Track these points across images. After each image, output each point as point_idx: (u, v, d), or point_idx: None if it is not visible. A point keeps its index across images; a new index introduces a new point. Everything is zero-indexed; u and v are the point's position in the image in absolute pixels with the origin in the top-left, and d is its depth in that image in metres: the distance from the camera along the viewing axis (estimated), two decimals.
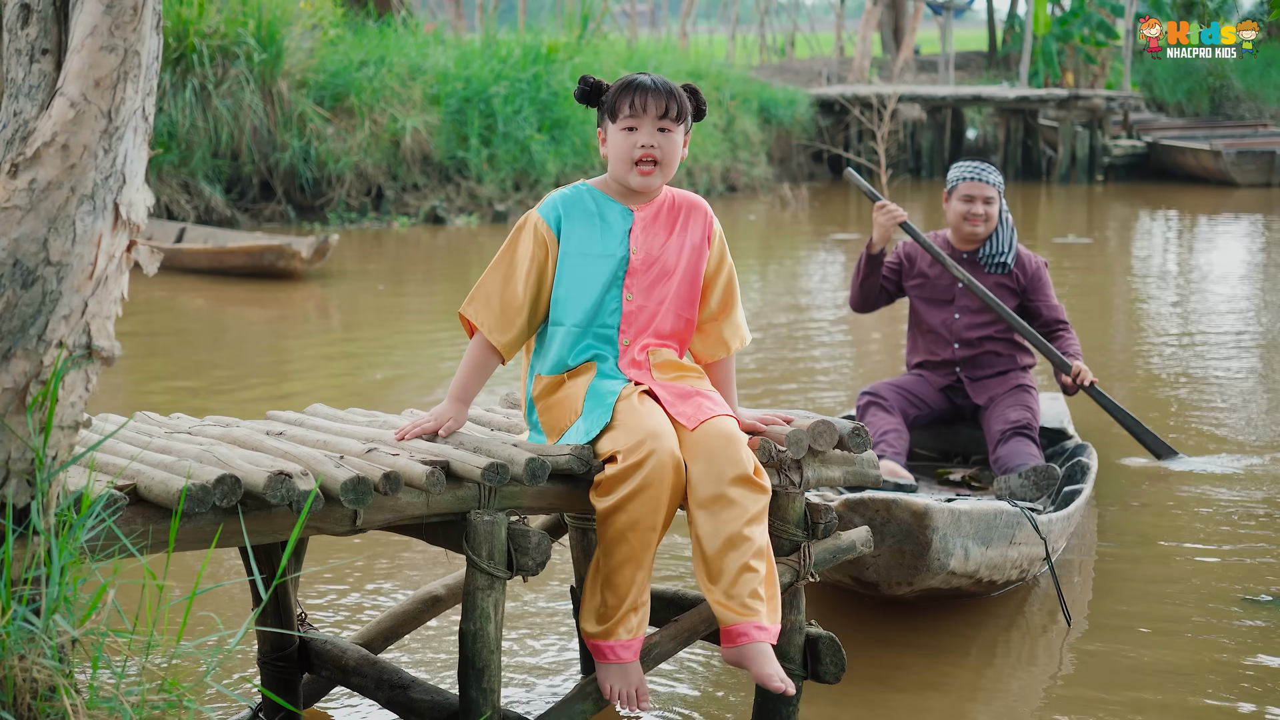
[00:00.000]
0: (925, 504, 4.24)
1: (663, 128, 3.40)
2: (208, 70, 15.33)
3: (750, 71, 25.58)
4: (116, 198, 2.64)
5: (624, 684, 3.26)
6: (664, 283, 3.45)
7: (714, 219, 3.56)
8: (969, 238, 5.73)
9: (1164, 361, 8.96)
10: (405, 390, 8.20)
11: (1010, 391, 5.66)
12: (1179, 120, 26.36)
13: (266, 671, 3.79)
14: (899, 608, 4.66)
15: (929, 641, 4.48)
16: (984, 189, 5.68)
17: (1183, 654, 4.37)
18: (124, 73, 2.63)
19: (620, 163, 3.42)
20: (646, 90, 3.39)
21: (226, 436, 3.40)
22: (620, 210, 3.47)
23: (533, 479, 3.15)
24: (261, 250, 12.08)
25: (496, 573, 3.13)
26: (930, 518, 4.25)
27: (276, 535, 3.00)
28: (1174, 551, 5.35)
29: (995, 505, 4.52)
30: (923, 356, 5.82)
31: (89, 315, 2.63)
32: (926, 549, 4.29)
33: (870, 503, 4.25)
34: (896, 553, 4.32)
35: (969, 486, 5.56)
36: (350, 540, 5.37)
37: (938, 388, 5.75)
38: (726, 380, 3.58)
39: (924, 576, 4.38)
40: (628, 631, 3.26)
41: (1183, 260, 14.48)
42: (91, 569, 2.64)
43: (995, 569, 4.59)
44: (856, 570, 4.42)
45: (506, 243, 3.46)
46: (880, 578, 4.41)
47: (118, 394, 7.88)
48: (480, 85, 17.14)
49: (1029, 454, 5.41)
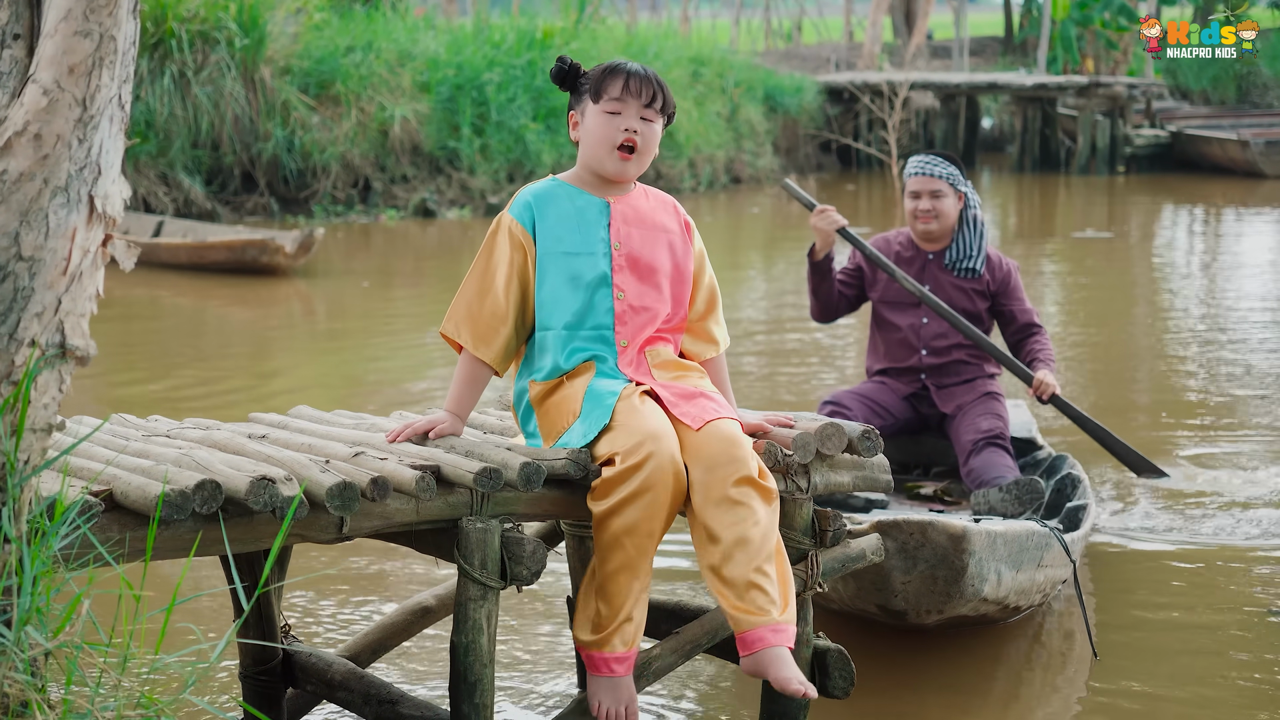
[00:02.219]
0: (963, 526, 4.13)
1: (646, 116, 3.43)
2: (187, 56, 15.33)
3: (755, 58, 25.58)
4: (91, 190, 2.64)
5: (614, 701, 3.25)
6: (654, 278, 3.47)
7: (690, 219, 3.60)
8: (924, 236, 5.62)
9: (1189, 364, 8.95)
10: (394, 391, 8.21)
11: (979, 399, 5.54)
12: (1204, 108, 26.39)
13: (248, 686, 3.79)
14: (913, 635, 4.59)
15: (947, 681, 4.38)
16: (931, 183, 5.56)
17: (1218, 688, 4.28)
18: (99, 59, 2.63)
19: (599, 146, 3.43)
20: (637, 76, 3.43)
21: (206, 440, 3.40)
22: (597, 204, 3.47)
23: (527, 484, 3.15)
24: (243, 245, 12.08)
25: (489, 583, 3.13)
26: (968, 541, 4.13)
27: (259, 543, 3.00)
28: (1189, 572, 5.30)
29: (1026, 526, 4.42)
30: (886, 363, 5.68)
31: (63, 313, 2.63)
32: (961, 574, 4.18)
33: (905, 525, 4.13)
34: (928, 579, 4.19)
35: (942, 501, 5.46)
36: (337, 548, 5.37)
37: (902, 395, 5.62)
38: (722, 379, 3.60)
39: (955, 604, 4.27)
40: (623, 643, 3.25)
41: (1209, 256, 14.48)
42: (65, 578, 2.64)
43: (1023, 594, 4.51)
44: (883, 598, 4.29)
45: (481, 250, 3.46)
46: (909, 606, 4.28)
47: (93, 395, 7.88)
48: (472, 72, 17.14)
49: (1004, 465, 5.32)
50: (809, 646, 3.48)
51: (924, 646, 4.56)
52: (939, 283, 5.64)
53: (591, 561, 3.29)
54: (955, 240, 5.64)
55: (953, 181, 5.58)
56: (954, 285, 5.63)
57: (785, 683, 3.15)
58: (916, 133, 23.79)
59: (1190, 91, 28.21)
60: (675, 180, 18.91)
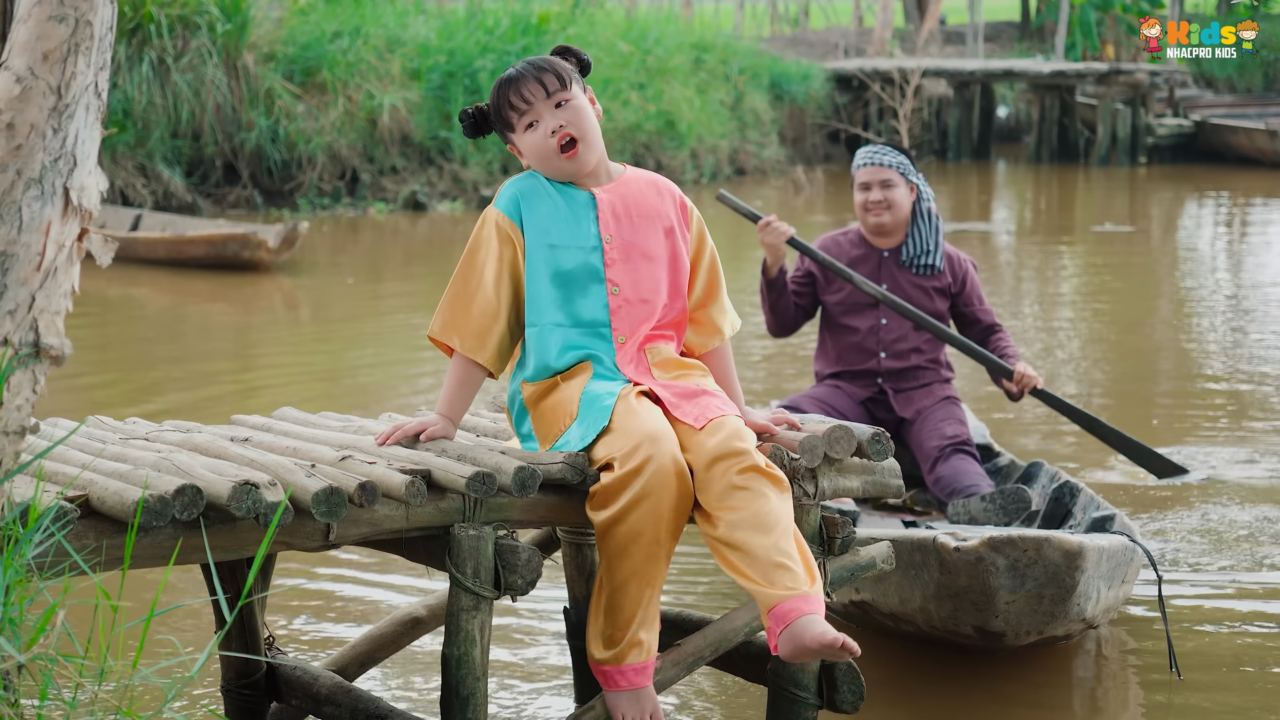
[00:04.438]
0: (1079, 542, 4.08)
1: (559, 102, 3.41)
2: (167, 42, 15.33)
3: (760, 44, 25.60)
4: (67, 182, 2.64)
5: (637, 711, 3.24)
6: (649, 270, 3.45)
7: (685, 198, 3.57)
8: (876, 229, 5.58)
9: (1215, 364, 8.96)
10: (382, 392, 8.21)
11: (939, 404, 5.51)
12: (1229, 97, 26.40)
13: (231, 700, 3.79)
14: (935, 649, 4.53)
15: (1033, 698, 4.33)
16: (881, 172, 5.52)
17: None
18: (75, 45, 2.63)
19: (546, 160, 3.43)
20: (520, 81, 3.40)
21: (187, 443, 3.40)
22: (582, 196, 3.46)
23: (522, 489, 3.15)
24: (224, 240, 12.08)
25: (483, 592, 3.13)
26: (1083, 558, 4.08)
27: (242, 551, 3.00)
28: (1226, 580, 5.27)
29: (1119, 540, 4.37)
30: (839, 367, 5.62)
31: (37, 310, 2.63)
32: (1070, 593, 4.12)
33: (1020, 542, 4.04)
34: (1034, 598, 4.12)
35: (911, 511, 5.43)
36: (323, 556, 5.37)
37: (858, 400, 5.56)
38: (727, 369, 3.57)
39: (1056, 624, 4.21)
40: (639, 655, 3.24)
41: (1235, 251, 14.48)
42: (39, 588, 2.64)
43: (1107, 612, 4.47)
44: (983, 619, 4.18)
45: (468, 248, 3.45)
46: (1008, 627, 4.18)
47: (68, 396, 7.88)
48: (465, 58, 17.15)
49: (974, 473, 5.29)
50: (816, 659, 3.48)
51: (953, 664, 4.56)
52: (897, 282, 5.59)
53: (599, 573, 3.27)
54: (910, 235, 5.60)
55: (904, 171, 5.54)
56: (913, 284, 5.59)
57: (827, 642, 3.04)
58: (929, 122, 23.81)
59: (1215, 79, 28.20)
60: (677, 171, 18.91)
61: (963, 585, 4.11)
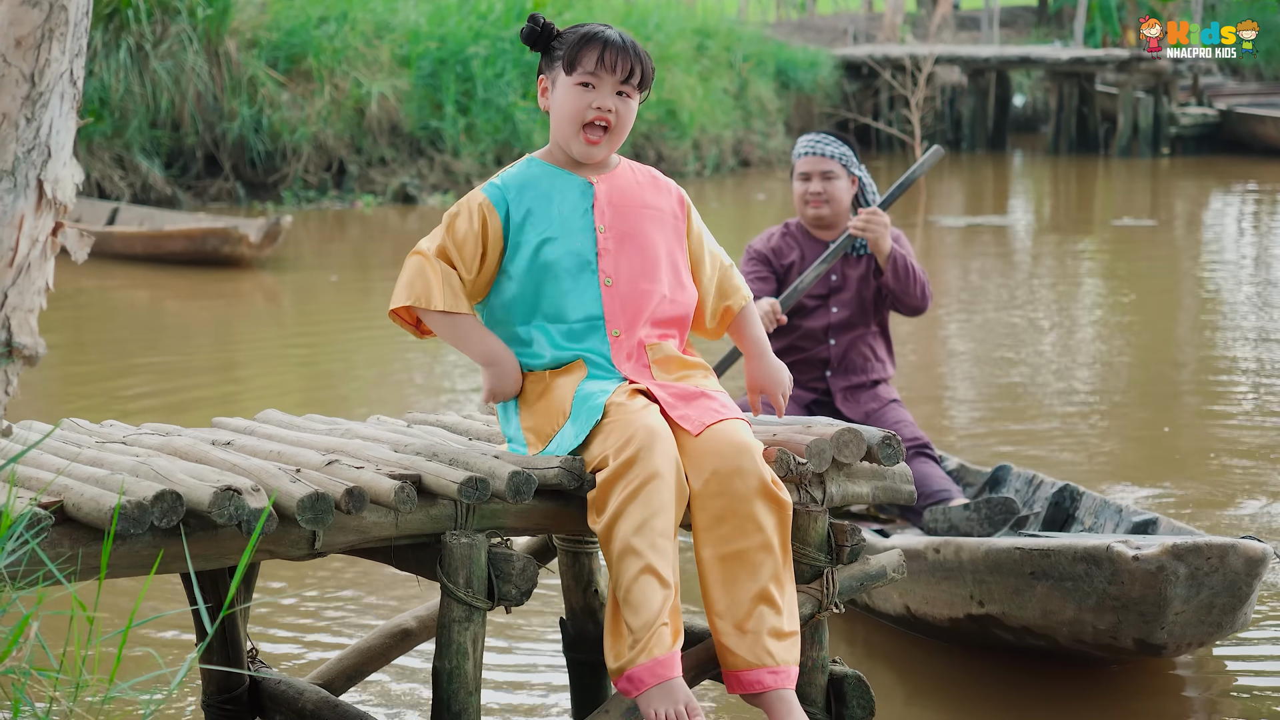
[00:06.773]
0: (1263, 549, 4.04)
1: (623, 92, 3.41)
2: (145, 27, 15.34)
3: (766, 29, 25.61)
4: (40, 174, 2.64)
5: (671, 704, 3.16)
6: (645, 262, 3.44)
7: (683, 192, 3.59)
8: (815, 221, 5.57)
9: (1240, 364, 8.96)
10: (369, 393, 8.21)
11: (887, 406, 5.52)
12: (1256, 85, 26.39)
13: (212, 715, 3.80)
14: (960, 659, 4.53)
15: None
16: (822, 163, 5.52)
17: None
18: (49, 30, 2.63)
19: (568, 123, 3.42)
20: (615, 47, 3.39)
21: (166, 447, 3.40)
22: (579, 184, 3.46)
23: (516, 495, 3.15)
24: (203, 234, 12.08)
25: (475, 602, 3.13)
26: (1265, 566, 4.04)
27: (224, 560, 3.00)
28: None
29: (1266, 547, 4.30)
30: (789, 358, 5.52)
31: (9, 308, 2.63)
32: (1242, 603, 4.09)
33: (1205, 549, 3.99)
34: (1204, 608, 4.06)
35: (876, 519, 5.41)
36: (308, 565, 5.37)
37: (803, 404, 5.55)
38: (754, 330, 3.59)
39: (1218, 634, 4.18)
40: (661, 647, 3.17)
41: (1262, 246, 14.49)
42: (12, 598, 2.64)
43: None
44: (1146, 631, 4.11)
45: (442, 222, 3.44)
46: (1171, 639, 4.12)
47: (42, 398, 7.89)
48: (457, 45, 17.15)
49: (940, 478, 5.29)
50: (825, 672, 3.48)
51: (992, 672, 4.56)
52: (844, 273, 5.57)
53: (609, 586, 3.21)
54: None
55: (845, 163, 5.55)
56: (859, 275, 5.56)
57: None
58: (942, 111, 23.82)
59: (1241, 66, 28.21)
60: (679, 163, 18.92)
61: (1134, 596, 4.05)
